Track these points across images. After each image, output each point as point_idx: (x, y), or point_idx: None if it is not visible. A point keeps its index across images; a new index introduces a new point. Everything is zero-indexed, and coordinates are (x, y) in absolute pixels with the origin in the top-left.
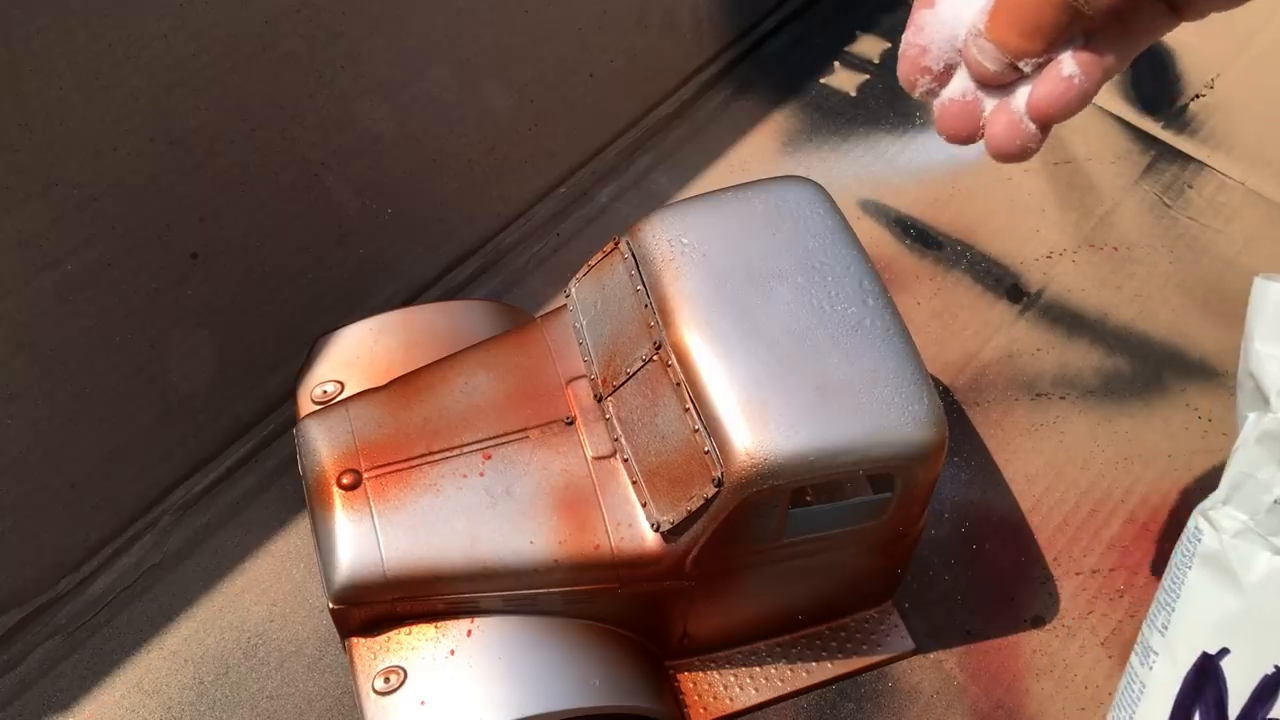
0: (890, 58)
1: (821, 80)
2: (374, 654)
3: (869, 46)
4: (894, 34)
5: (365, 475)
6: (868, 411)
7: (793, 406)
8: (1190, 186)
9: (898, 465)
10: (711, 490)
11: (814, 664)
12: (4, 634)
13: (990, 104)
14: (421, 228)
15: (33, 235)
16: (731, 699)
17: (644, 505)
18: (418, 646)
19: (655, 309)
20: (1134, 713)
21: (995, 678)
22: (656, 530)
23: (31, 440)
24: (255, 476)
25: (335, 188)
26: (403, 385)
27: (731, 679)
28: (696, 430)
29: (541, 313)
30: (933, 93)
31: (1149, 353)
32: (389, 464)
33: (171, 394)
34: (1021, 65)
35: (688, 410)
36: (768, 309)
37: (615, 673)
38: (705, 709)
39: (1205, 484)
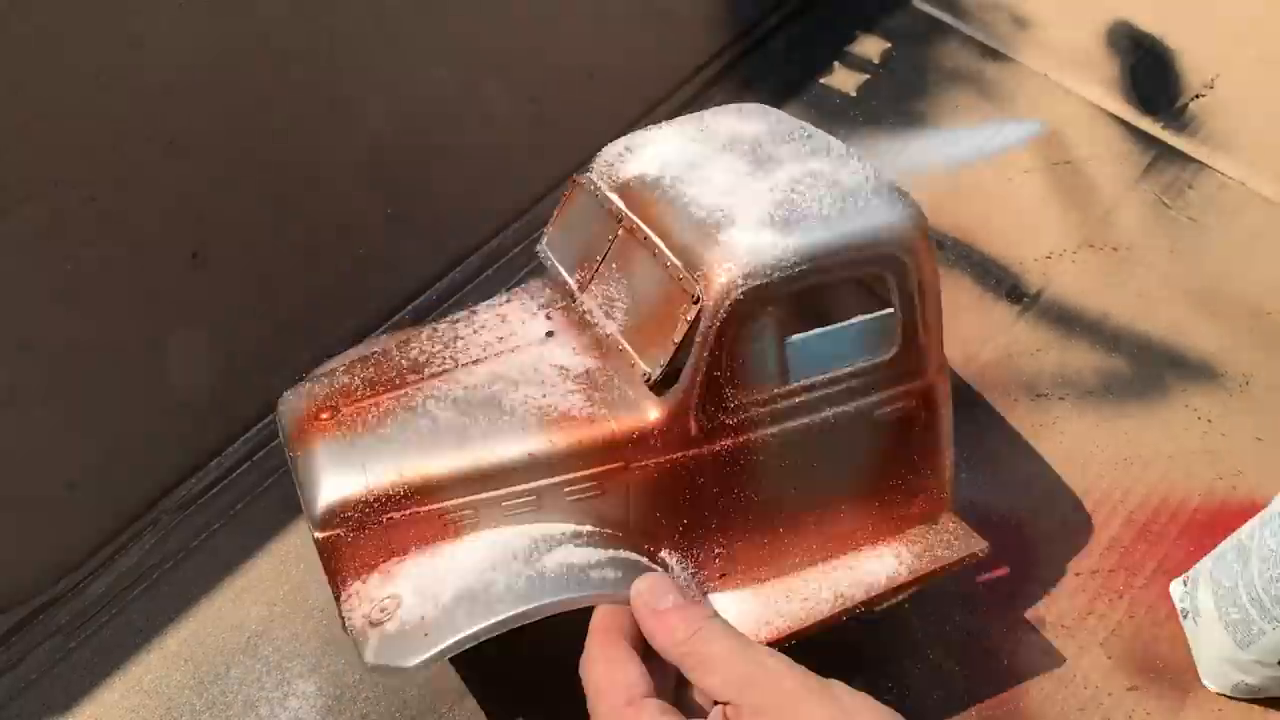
0: (890, 58)
1: (821, 80)
2: (367, 592)
3: (869, 46)
4: (894, 34)
5: (344, 408)
6: (838, 210)
7: (759, 216)
8: (1190, 186)
9: (883, 256)
10: (693, 310)
11: (877, 576)
12: (4, 634)
13: None
14: (421, 228)
15: (33, 235)
16: (784, 618)
17: (633, 367)
18: (413, 573)
19: (614, 195)
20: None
21: (995, 678)
22: (649, 383)
23: (31, 440)
24: (255, 476)
25: (336, 187)
26: (377, 351)
27: (783, 596)
28: (668, 264)
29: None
30: None
31: (1149, 353)
32: (369, 396)
33: (171, 394)
34: None
35: (657, 253)
36: (720, 161)
37: (627, 561)
38: (755, 635)
39: (1205, 484)
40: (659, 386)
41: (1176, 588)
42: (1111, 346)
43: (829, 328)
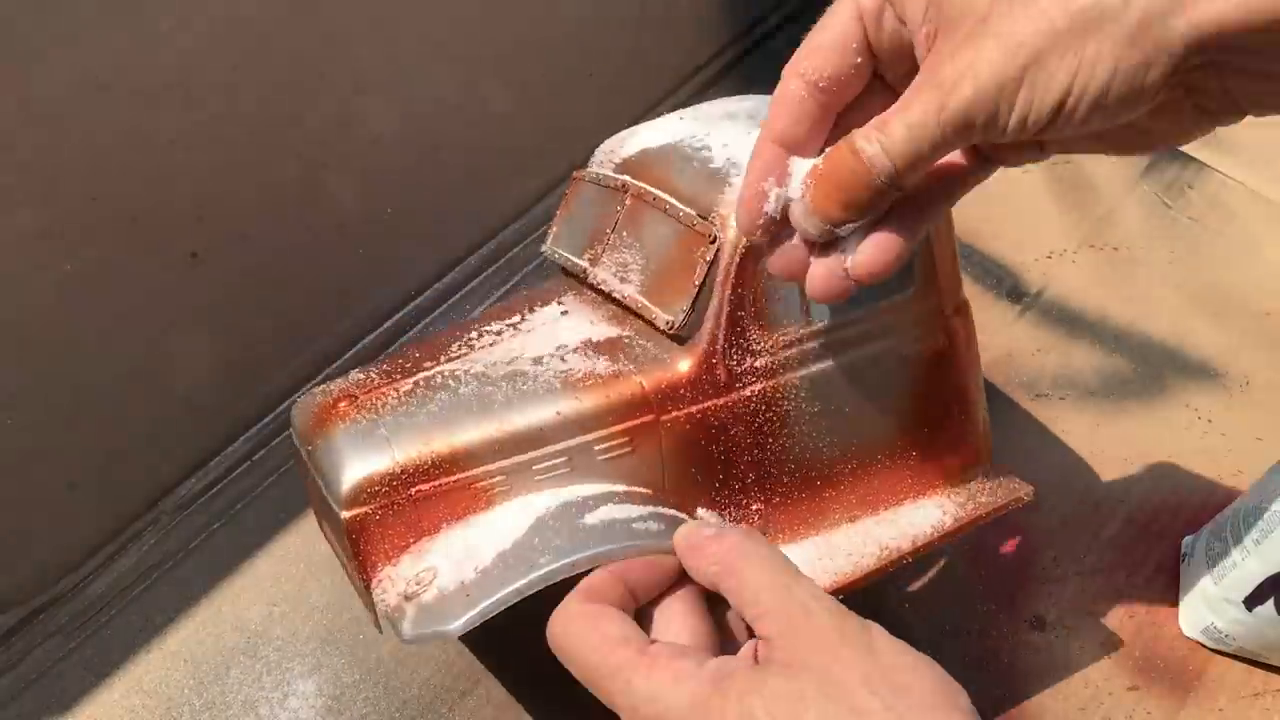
0: None
1: None
2: (399, 573)
3: None
4: None
5: (362, 395)
6: None
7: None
8: (1190, 186)
9: None
10: (711, 251)
11: (921, 527)
12: (4, 634)
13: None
14: (421, 228)
15: (33, 235)
16: (829, 574)
17: (655, 323)
18: (447, 546)
19: (617, 174)
20: None
21: (996, 677)
22: (672, 330)
23: (31, 440)
24: (254, 476)
25: (335, 188)
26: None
27: (826, 553)
28: (681, 214)
29: None
30: (769, 232)
31: (1149, 353)
32: (387, 384)
33: (171, 394)
34: (840, 231)
35: (668, 208)
36: (720, 129)
37: (668, 515)
38: None
39: (1205, 484)
40: (683, 334)
41: (1187, 540)
42: (1111, 346)
43: None
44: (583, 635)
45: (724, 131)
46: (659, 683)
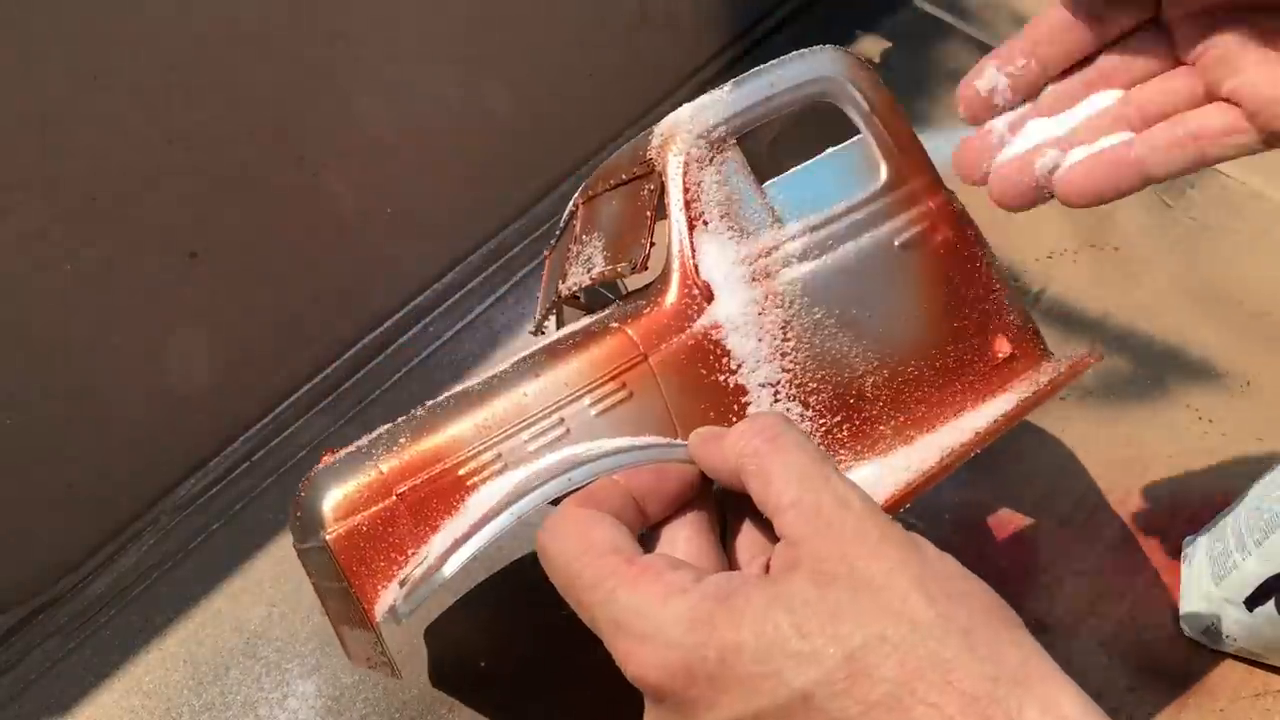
0: (890, 58)
1: None
2: (397, 574)
3: (869, 46)
4: (894, 34)
5: (342, 449)
6: (777, 63)
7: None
8: (1191, 186)
9: (821, 77)
10: (654, 182)
11: (985, 420)
12: (4, 634)
13: (1010, 151)
14: (421, 228)
15: (33, 235)
16: (892, 485)
17: (621, 274)
18: (441, 532)
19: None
20: None
21: None
22: (637, 267)
23: (31, 440)
24: (254, 477)
25: (335, 188)
26: None
27: (879, 472)
28: (622, 177)
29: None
30: (972, 107)
31: (1149, 353)
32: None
33: (171, 394)
34: None
35: (611, 182)
36: None
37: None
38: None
39: (1205, 484)
40: (650, 268)
41: (1187, 540)
42: (1111, 347)
43: (803, 164)
44: (567, 540)
45: None
46: (646, 596)
